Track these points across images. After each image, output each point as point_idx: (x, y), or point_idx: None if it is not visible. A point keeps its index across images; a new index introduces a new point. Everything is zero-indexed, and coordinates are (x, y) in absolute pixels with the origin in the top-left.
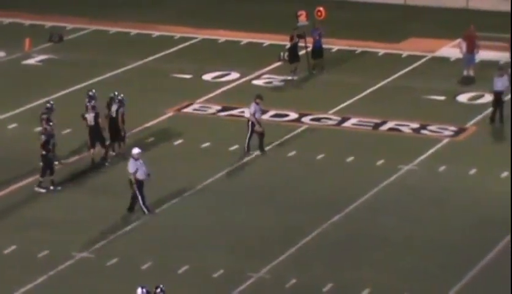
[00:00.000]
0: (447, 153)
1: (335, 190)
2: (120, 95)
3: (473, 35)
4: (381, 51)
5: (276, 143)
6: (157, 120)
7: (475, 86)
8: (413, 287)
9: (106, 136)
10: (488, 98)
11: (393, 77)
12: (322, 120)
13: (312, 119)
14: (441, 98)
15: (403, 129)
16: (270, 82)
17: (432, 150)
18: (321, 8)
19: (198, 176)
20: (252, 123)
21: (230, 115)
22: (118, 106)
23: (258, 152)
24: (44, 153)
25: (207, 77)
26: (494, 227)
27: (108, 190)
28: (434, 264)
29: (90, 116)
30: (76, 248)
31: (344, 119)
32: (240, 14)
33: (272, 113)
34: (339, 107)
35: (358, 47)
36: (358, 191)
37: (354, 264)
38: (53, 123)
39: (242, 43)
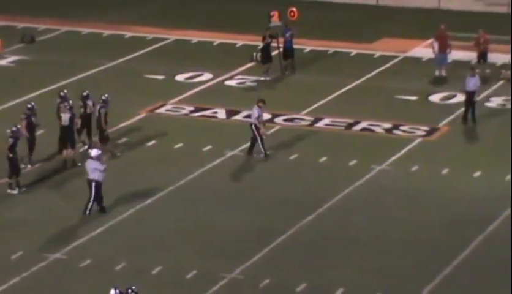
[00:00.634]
0: (419, 153)
1: (308, 191)
2: (104, 95)
3: (445, 35)
4: (353, 51)
5: (249, 144)
6: (130, 121)
7: (447, 86)
8: (386, 287)
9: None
10: (460, 98)
11: (366, 77)
12: (295, 120)
13: (285, 120)
14: (413, 98)
15: (375, 129)
16: (243, 82)
17: (405, 150)
18: (293, 8)
19: (171, 177)
20: (256, 127)
21: (203, 116)
22: (101, 105)
23: (246, 153)
24: (11, 156)
25: (180, 78)
26: (467, 226)
27: (81, 191)
28: (407, 263)
29: (65, 116)
30: (49, 249)
31: (317, 120)
32: (212, 15)
33: (244, 114)
34: (312, 107)
35: (331, 47)
36: (331, 191)
37: (327, 264)
38: (36, 120)
39: (214, 44)
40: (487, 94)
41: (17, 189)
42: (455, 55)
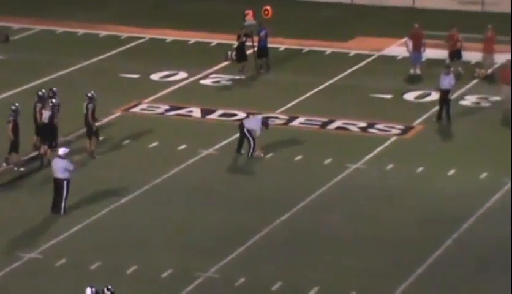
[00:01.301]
0: (394, 151)
1: (283, 189)
2: (90, 91)
3: (420, 33)
4: (328, 50)
5: (225, 142)
6: (105, 120)
7: (422, 84)
8: (361, 285)
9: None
10: (435, 96)
11: (340, 76)
12: (270, 119)
13: None
14: (388, 96)
15: (350, 128)
16: (218, 81)
17: (380, 148)
18: (268, 7)
19: (146, 176)
20: (251, 134)
21: (178, 114)
22: (88, 102)
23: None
24: None
25: (154, 77)
26: (441, 225)
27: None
28: (382, 262)
29: (46, 114)
30: (24, 249)
31: (292, 118)
32: (187, 13)
33: (220, 112)
34: (287, 106)
35: (305, 46)
36: (306, 190)
37: (302, 262)
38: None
39: (189, 43)
40: (461, 92)
41: None
42: (429, 53)
